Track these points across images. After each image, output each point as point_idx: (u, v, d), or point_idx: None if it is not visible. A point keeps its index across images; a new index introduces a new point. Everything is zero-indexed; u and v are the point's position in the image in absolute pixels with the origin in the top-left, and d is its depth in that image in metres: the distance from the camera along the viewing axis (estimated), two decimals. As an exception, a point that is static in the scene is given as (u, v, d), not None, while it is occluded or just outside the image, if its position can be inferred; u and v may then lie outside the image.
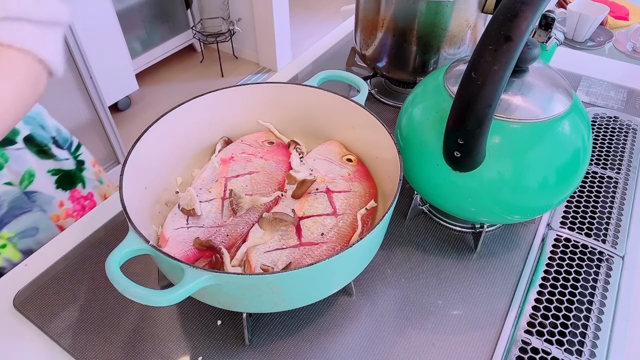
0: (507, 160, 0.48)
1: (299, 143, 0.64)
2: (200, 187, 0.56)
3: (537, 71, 0.51)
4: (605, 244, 0.60)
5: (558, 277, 0.56)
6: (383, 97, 0.86)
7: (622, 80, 0.91)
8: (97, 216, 0.63)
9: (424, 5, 0.68)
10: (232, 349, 0.49)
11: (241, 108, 0.62)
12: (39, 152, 0.65)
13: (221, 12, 2.63)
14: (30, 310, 0.52)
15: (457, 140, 0.45)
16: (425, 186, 0.54)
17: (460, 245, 0.60)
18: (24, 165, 0.63)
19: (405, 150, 0.54)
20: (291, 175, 0.57)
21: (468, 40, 0.74)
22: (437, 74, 0.56)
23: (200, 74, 2.69)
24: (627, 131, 0.78)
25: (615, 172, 0.70)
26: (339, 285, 0.49)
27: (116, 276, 0.38)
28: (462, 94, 0.42)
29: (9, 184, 0.61)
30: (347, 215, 0.53)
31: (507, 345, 0.50)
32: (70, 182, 0.71)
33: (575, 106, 0.51)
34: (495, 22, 0.39)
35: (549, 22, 0.65)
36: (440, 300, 0.54)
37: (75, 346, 0.49)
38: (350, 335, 0.51)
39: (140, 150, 0.51)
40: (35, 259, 0.58)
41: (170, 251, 0.48)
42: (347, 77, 0.62)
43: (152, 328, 0.51)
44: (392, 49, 0.75)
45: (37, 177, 0.64)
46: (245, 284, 0.42)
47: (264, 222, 0.51)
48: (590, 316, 0.52)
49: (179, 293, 0.38)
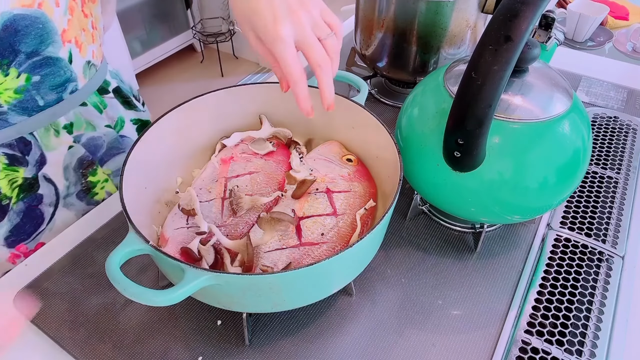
0: (507, 160, 0.48)
1: (299, 143, 0.64)
2: (200, 187, 0.56)
3: (537, 71, 0.51)
4: (605, 244, 0.60)
5: (558, 277, 0.56)
6: (383, 97, 0.86)
7: (622, 80, 0.91)
8: (97, 216, 0.63)
9: (424, 5, 0.68)
10: (232, 349, 0.49)
11: (241, 108, 0.62)
12: (124, 103, 0.73)
13: (221, 12, 2.63)
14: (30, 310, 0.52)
15: (457, 140, 0.45)
16: (425, 186, 0.54)
17: (460, 245, 0.60)
18: (117, 112, 0.72)
19: (405, 150, 0.54)
20: (291, 175, 0.57)
21: (468, 40, 0.74)
22: (437, 74, 0.56)
23: (200, 74, 2.69)
24: (627, 131, 0.78)
25: (615, 172, 0.70)
26: (339, 285, 0.49)
27: (116, 276, 0.38)
28: (462, 94, 0.42)
29: (108, 127, 0.69)
30: (347, 215, 0.53)
31: (507, 345, 0.50)
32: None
33: (575, 106, 0.51)
34: (495, 22, 0.39)
35: (549, 22, 0.66)
36: (440, 300, 0.54)
37: (75, 346, 0.49)
38: (350, 335, 0.51)
39: (140, 150, 0.51)
40: (35, 259, 0.58)
41: (170, 251, 0.48)
42: (347, 77, 0.62)
43: (152, 328, 0.51)
44: (392, 49, 0.75)
45: (125, 123, 0.73)
46: (245, 284, 0.42)
47: (263, 222, 0.51)
48: (590, 316, 0.52)
49: (179, 293, 0.38)
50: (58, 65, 0.56)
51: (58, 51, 0.55)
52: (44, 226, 0.63)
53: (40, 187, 0.61)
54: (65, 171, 0.64)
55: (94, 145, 0.67)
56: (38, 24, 0.51)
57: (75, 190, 0.66)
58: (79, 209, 0.67)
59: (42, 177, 0.61)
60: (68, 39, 0.56)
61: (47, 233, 0.64)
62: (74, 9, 0.56)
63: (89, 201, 0.68)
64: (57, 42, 0.55)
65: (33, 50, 0.52)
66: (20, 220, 0.60)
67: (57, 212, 0.64)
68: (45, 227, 0.63)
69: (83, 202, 0.68)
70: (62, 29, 0.55)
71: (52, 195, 0.63)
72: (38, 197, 0.61)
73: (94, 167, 0.68)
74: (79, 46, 0.59)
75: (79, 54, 0.59)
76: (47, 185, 0.62)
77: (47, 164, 0.61)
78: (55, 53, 0.55)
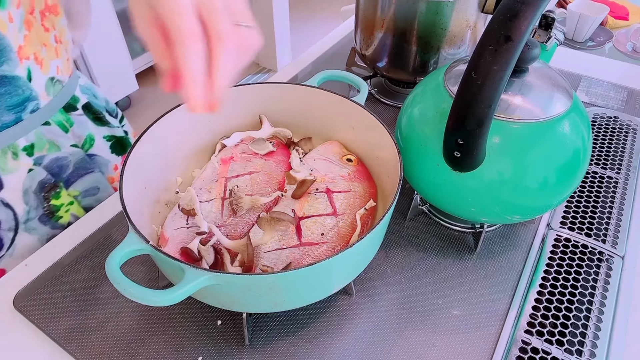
0: (507, 160, 0.48)
1: (298, 144, 0.64)
2: (200, 187, 0.56)
3: (537, 71, 0.51)
4: (605, 244, 0.60)
5: (558, 277, 0.56)
6: (383, 97, 0.86)
7: (622, 80, 0.91)
8: (97, 216, 0.63)
9: (424, 5, 0.68)
10: (232, 349, 0.49)
11: (241, 108, 0.62)
12: (95, 119, 0.71)
13: (221, 12, 2.63)
14: (30, 310, 0.52)
15: (457, 140, 0.45)
16: (425, 186, 0.54)
17: (460, 245, 0.60)
18: (85, 130, 0.69)
19: (405, 150, 0.54)
20: (291, 176, 0.57)
21: (468, 40, 0.74)
22: (437, 74, 0.56)
23: (200, 74, 2.69)
24: (627, 131, 0.78)
25: (615, 172, 0.70)
26: (339, 285, 0.49)
27: (116, 276, 0.38)
28: (462, 94, 0.42)
29: (74, 146, 0.66)
30: (347, 215, 0.53)
31: (507, 345, 0.50)
32: (122, 147, 0.77)
33: (575, 106, 0.51)
34: (495, 22, 0.39)
35: (549, 22, 0.66)
36: (440, 300, 0.54)
37: (75, 346, 0.49)
38: (350, 335, 0.51)
39: (140, 150, 0.51)
40: (35, 259, 0.58)
41: (170, 251, 0.48)
42: (347, 77, 0.62)
43: (152, 328, 0.51)
44: (392, 49, 0.75)
45: (95, 141, 0.70)
46: (245, 284, 0.42)
47: (262, 222, 0.51)
48: (590, 316, 0.52)
49: (179, 293, 0.38)
50: (15, 85, 0.53)
51: (14, 69, 0.53)
52: (3, 251, 0.60)
53: None
54: (24, 195, 0.60)
55: (57, 166, 0.64)
56: None
57: (36, 215, 0.62)
58: (42, 234, 0.64)
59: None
60: (25, 55, 0.53)
61: (7, 259, 0.61)
62: (32, 24, 0.54)
63: (53, 225, 0.65)
64: (12, 60, 0.52)
65: None
66: None
67: (18, 237, 0.61)
68: (5, 252, 0.61)
69: (47, 227, 0.64)
70: (17, 45, 0.52)
71: (11, 220, 0.60)
72: None
73: (57, 190, 0.64)
74: (39, 62, 0.56)
75: (39, 70, 0.56)
76: (4, 210, 0.59)
77: (4, 188, 0.58)
78: (11, 71, 0.52)
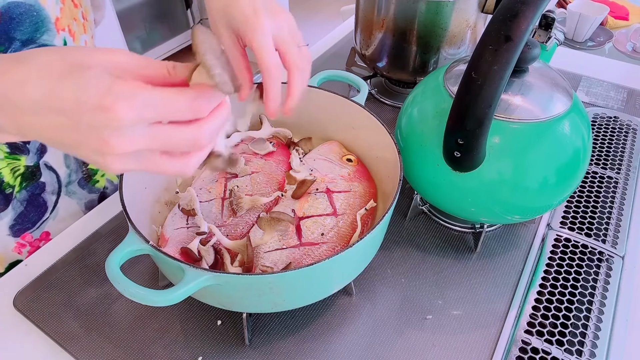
0: (507, 160, 0.48)
1: (298, 144, 0.64)
2: (200, 187, 0.56)
3: (537, 71, 0.51)
4: (605, 244, 0.60)
5: (558, 277, 0.56)
6: (383, 97, 0.86)
7: (622, 80, 0.91)
8: (97, 216, 0.63)
9: (424, 5, 0.68)
10: (232, 349, 0.49)
11: (241, 108, 0.62)
12: None
13: (221, 12, 2.63)
14: (30, 310, 0.52)
15: (457, 140, 0.45)
16: (425, 186, 0.54)
17: (460, 245, 0.60)
18: None
19: (405, 150, 0.54)
20: (291, 176, 0.57)
21: (468, 40, 0.74)
22: (437, 74, 0.56)
23: (200, 74, 2.69)
24: (627, 131, 0.78)
25: (615, 172, 0.70)
26: (339, 285, 0.49)
27: (116, 276, 0.38)
28: (462, 94, 0.42)
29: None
30: (347, 215, 0.53)
31: (507, 345, 0.50)
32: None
33: (575, 106, 0.51)
34: (495, 22, 0.39)
35: (549, 22, 0.66)
36: (440, 300, 0.54)
37: (76, 346, 0.49)
38: (350, 335, 0.51)
39: (140, 150, 0.51)
40: (35, 259, 0.58)
41: (170, 251, 0.48)
42: (347, 77, 0.62)
43: (152, 328, 0.51)
44: (392, 49, 0.75)
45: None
46: (245, 284, 0.42)
47: (262, 222, 0.51)
48: (590, 316, 0.52)
49: (179, 293, 0.38)
50: None
51: (53, 39, 0.55)
52: (47, 214, 0.63)
53: (42, 175, 0.61)
54: (65, 158, 0.64)
55: None
56: (32, 11, 0.52)
57: (76, 178, 0.66)
58: (81, 197, 0.67)
59: (43, 165, 0.61)
60: (62, 27, 0.56)
61: (51, 222, 0.64)
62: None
63: (90, 189, 0.69)
64: (51, 30, 0.55)
65: (28, 38, 0.53)
66: (24, 209, 0.60)
67: (60, 200, 0.64)
68: (49, 215, 0.63)
69: (85, 190, 0.68)
70: (55, 17, 0.55)
71: (54, 183, 0.63)
72: (40, 185, 0.61)
73: None
74: (72, 35, 0.59)
75: (72, 42, 0.59)
76: (48, 173, 0.62)
77: (47, 152, 0.61)
78: (51, 41, 0.55)
